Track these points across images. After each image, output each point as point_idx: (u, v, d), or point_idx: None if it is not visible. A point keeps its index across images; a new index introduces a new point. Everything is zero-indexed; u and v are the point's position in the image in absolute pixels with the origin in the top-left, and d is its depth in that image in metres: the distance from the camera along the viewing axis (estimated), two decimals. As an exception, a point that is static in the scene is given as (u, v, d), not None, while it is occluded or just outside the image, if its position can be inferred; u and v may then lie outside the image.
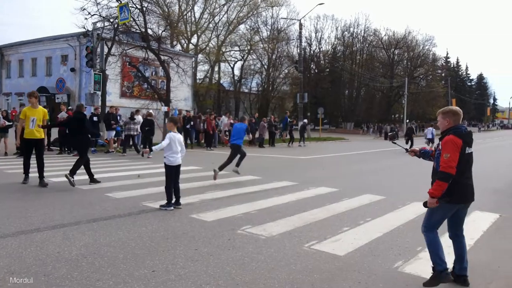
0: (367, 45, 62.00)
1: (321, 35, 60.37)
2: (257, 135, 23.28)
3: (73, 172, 8.24)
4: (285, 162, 15.40)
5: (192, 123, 19.70)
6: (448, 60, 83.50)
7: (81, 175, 9.70)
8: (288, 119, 26.66)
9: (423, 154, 4.18)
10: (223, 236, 5.14)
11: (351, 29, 59.77)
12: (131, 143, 15.95)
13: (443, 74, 75.78)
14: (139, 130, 16.03)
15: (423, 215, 6.50)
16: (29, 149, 8.51)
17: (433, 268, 3.76)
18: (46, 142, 16.04)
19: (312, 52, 59.77)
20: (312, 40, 59.28)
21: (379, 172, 12.53)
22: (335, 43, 60.85)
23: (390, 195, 8.22)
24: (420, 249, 4.80)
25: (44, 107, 16.41)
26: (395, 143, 4.80)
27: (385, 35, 62.10)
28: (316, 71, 61.04)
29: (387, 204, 7.41)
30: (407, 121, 40.96)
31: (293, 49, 57.35)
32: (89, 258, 4.21)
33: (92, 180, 8.58)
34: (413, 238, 5.25)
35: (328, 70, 60.99)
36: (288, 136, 25.25)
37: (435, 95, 62.44)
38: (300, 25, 38.16)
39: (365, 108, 60.14)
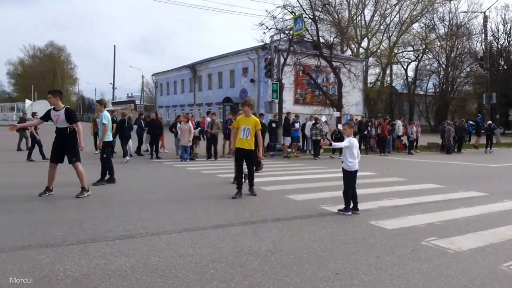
0: None
1: (510, 27, 52.50)
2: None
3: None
4: (471, 170, 13.91)
5: (369, 128, 19.49)
6: None
7: (261, 177, 10.50)
8: (481, 122, 23.94)
9: None
10: (406, 246, 4.94)
11: (552, 16, 50.58)
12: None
13: None
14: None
15: None
16: (239, 158, 8.10)
17: None
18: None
19: (499, 46, 52.53)
20: (500, 33, 52.09)
21: None
22: (530, 33, 52.29)
23: None
24: None
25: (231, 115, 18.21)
26: None
27: None
28: (506, 67, 53.37)
29: None
30: None
31: (476, 44, 51.56)
32: (277, 255, 4.54)
33: None
34: None
35: (521, 65, 52.77)
36: (481, 142, 22.74)
37: None
38: (485, 17, 34.00)
39: None
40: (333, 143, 7.17)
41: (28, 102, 60.69)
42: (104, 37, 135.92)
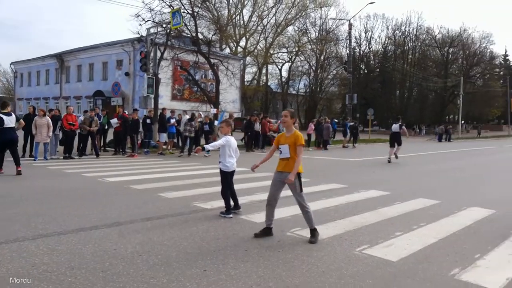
0: (419, 43, 60.15)
1: (371, 35, 59.31)
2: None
3: None
4: (334, 164, 15.20)
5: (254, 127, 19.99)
6: (507, 58, 78.31)
7: (133, 176, 10.06)
8: (349, 124, 26.70)
9: None
10: (273, 238, 5.16)
11: (403, 28, 58.34)
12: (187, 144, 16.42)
13: (501, 73, 71.61)
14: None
15: (481, 221, 6.22)
16: None
17: None
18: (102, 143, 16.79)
19: (361, 52, 58.73)
20: (362, 40, 58.31)
21: (432, 175, 12.06)
22: (386, 42, 59.62)
23: (444, 200, 7.89)
24: (478, 256, 4.58)
25: (102, 110, 17.14)
26: None
27: (438, 33, 59.96)
28: (366, 71, 59.87)
29: (442, 209, 7.12)
30: (462, 122, 39.11)
31: (342, 49, 56.81)
32: (144, 256, 4.36)
33: None
34: (470, 244, 5.02)
35: (378, 70, 59.75)
36: (350, 139, 25.43)
37: (492, 95, 59.33)
38: (350, 25, 37.72)
39: (417, 109, 58.20)
40: (206, 146, 6.62)
41: None
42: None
